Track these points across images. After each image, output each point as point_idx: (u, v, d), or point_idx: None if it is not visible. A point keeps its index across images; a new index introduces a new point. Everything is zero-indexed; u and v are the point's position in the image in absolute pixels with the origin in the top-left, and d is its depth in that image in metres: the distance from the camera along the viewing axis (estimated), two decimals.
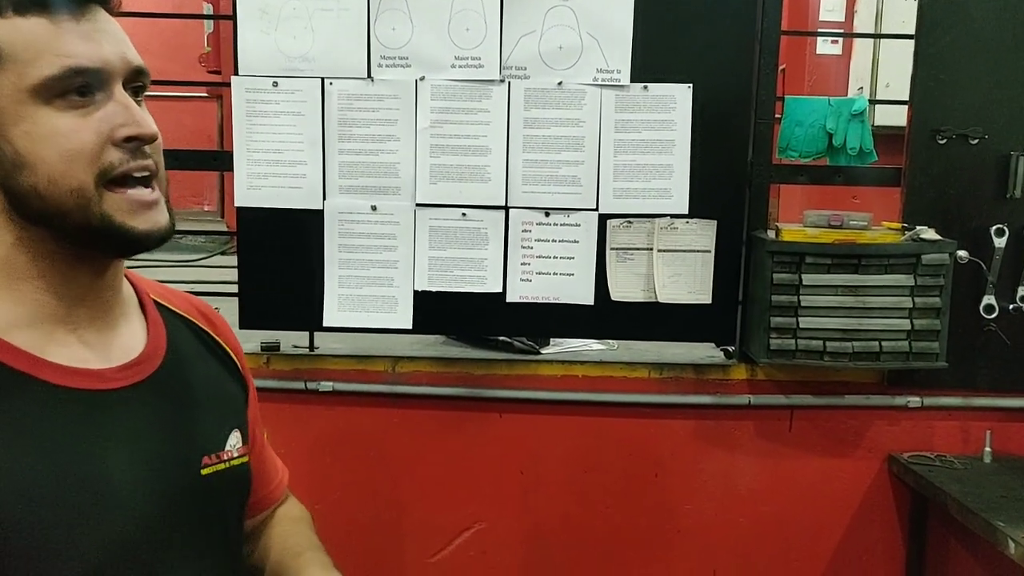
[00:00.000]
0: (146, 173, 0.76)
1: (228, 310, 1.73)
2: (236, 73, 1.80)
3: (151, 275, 0.96)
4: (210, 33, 4.61)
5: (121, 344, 0.81)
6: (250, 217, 1.84)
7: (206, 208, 5.91)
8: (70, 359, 0.76)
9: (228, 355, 0.96)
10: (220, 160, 1.95)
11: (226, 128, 1.94)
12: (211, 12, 4.27)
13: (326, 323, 1.86)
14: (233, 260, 1.91)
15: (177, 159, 2.00)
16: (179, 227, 0.82)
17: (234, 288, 1.87)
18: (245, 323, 1.85)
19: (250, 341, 1.91)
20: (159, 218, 0.77)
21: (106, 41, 0.74)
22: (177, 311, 0.92)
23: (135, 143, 0.74)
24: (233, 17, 1.79)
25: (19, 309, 0.75)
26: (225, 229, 4.20)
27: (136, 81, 0.77)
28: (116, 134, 0.73)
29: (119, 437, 0.77)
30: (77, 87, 0.72)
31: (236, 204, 1.84)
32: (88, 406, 0.75)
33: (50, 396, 0.73)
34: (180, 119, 5.12)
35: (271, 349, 1.93)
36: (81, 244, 0.75)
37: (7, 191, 0.73)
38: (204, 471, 0.84)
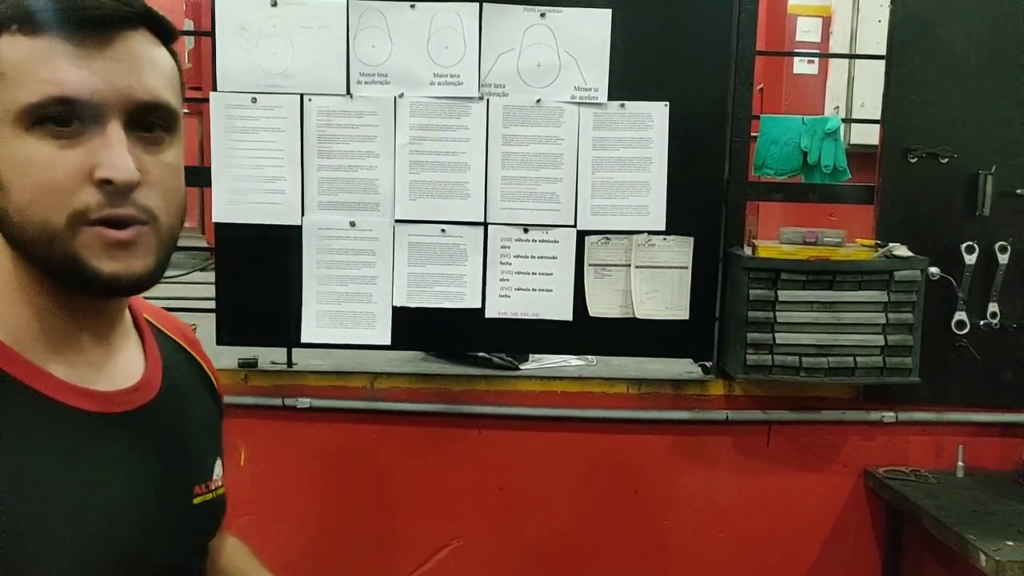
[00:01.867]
0: (121, 224, 0.69)
1: (206, 327, 1.73)
2: (215, 89, 1.80)
3: None
4: (191, 49, 4.60)
5: (123, 367, 0.80)
6: (228, 233, 1.84)
7: (187, 224, 5.88)
8: (79, 379, 0.75)
9: (210, 380, 0.94)
10: (199, 176, 1.94)
11: (206, 144, 1.93)
12: (192, 28, 4.27)
13: (304, 339, 1.86)
14: (213, 276, 1.90)
15: None
16: None
17: (212, 304, 1.86)
18: (222, 339, 1.84)
19: (227, 357, 1.90)
20: (132, 263, 0.70)
21: (111, 71, 0.68)
22: (169, 334, 0.90)
23: (111, 187, 0.68)
24: (212, 33, 1.79)
25: (32, 324, 0.74)
26: (205, 245, 4.17)
27: (150, 117, 0.71)
28: (94, 173, 0.68)
29: (116, 461, 0.75)
30: (58, 116, 0.68)
31: (214, 220, 1.84)
32: (89, 427, 0.74)
33: (52, 413, 0.72)
34: None
35: (249, 365, 1.92)
36: (50, 276, 0.72)
37: None
38: (196, 500, 0.83)
